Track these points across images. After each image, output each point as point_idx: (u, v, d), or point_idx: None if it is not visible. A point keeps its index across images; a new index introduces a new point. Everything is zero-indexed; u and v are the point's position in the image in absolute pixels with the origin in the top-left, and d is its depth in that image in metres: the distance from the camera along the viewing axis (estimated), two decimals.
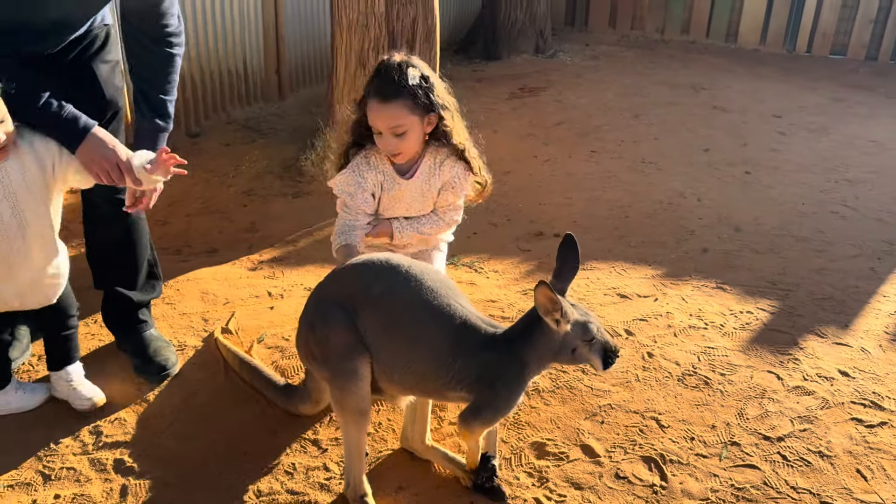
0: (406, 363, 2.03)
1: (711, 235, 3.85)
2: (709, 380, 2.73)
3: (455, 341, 2.01)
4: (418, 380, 2.06)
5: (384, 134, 2.34)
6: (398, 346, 2.02)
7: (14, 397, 2.52)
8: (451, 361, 2.01)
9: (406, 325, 2.02)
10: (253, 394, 2.62)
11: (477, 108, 5.82)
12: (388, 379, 2.07)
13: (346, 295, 2.05)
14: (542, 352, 2.01)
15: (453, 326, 2.02)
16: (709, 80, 6.67)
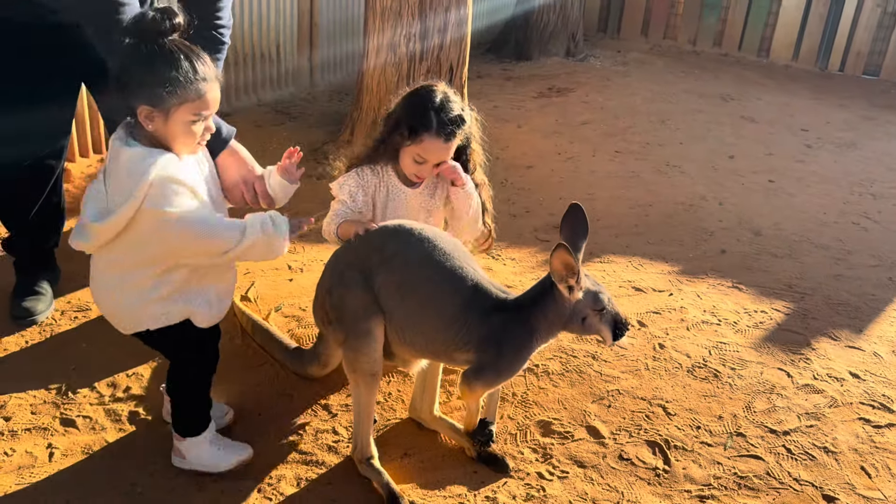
0: (417, 323, 2.08)
1: (730, 238, 3.85)
2: (718, 373, 2.74)
3: (465, 303, 2.05)
4: (428, 340, 2.10)
5: (427, 165, 2.37)
6: (410, 305, 2.06)
7: (206, 451, 2.19)
8: (461, 322, 2.04)
9: (419, 285, 2.06)
10: (267, 358, 2.68)
11: (504, 104, 5.86)
12: (399, 340, 2.11)
13: (362, 258, 2.11)
14: (552, 318, 2.04)
15: (465, 288, 2.06)
16: (738, 92, 6.65)
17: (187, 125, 1.88)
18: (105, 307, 2.08)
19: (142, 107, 1.83)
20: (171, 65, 1.81)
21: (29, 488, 2.11)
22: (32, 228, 2.81)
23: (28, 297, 2.78)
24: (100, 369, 2.57)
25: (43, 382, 2.49)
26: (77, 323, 2.80)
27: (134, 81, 1.83)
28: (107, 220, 1.86)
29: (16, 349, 2.65)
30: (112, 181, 1.89)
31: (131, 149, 1.86)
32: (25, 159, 2.63)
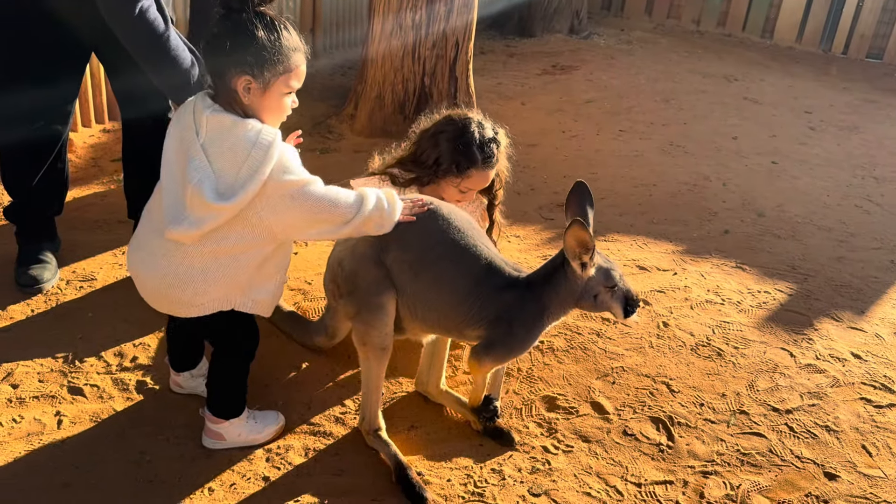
0: (429, 299, 2.08)
1: (734, 218, 3.86)
2: (722, 351, 2.76)
3: (478, 280, 2.06)
4: (440, 316, 2.10)
5: (472, 193, 2.49)
6: (423, 282, 2.07)
7: (245, 427, 2.20)
8: (473, 299, 2.05)
9: (432, 262, 2.07)
10: (274, 329, 2.68)
11: (508, 81, 5.84)
12: (411, 315, 2.12)
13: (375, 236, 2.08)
14: (564, 296, 2.05)
15: (478, 265, 2.07)
16: (742, 73, 6.63)
17: (281, 98, 1.86)
18: (179, 294, 1.94)
19: (242, 77, 1.78)
20: (276, 35, 1.77)
21: (38, 454, 2.12)
22: (35, 194, 2.80)
23: (33, 265, 2.77)
24: (106, 339, 2.57)
25: (50, 351, 2.50)
26: (83, 293, 2.80)
27: (235, 52, 1.77)
28: (234, 198, 1.77)
29: (21, 318, 2.65)
30: (224, 156, 1.80)
31: (246, 121, 1.80)
32: (33, 122, 2.61)
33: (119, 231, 3.18)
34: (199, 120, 1.83)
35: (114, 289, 2.83)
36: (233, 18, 1.78)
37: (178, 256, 1.89)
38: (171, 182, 1.89)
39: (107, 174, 3.70)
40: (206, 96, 1.87)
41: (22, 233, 2.88)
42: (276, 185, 1.80)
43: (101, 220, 3.29)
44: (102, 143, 3.94)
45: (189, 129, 1.84)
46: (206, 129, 1.81)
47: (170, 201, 1.87)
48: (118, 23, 2.25)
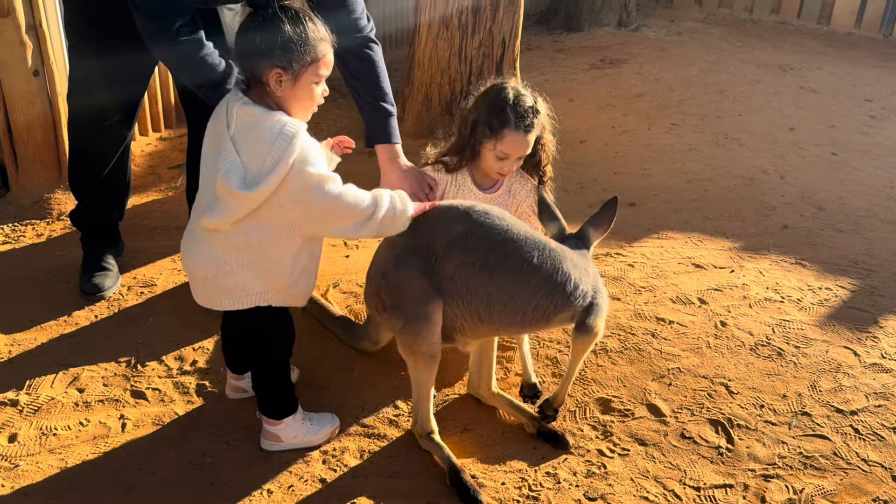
0: (510, 297, 2.07)
1: (793, 213, 3.75)
2: (782, 351, 2.69)
3: (556, 263, 2.09)
4: (526, 310, 2.09)
5: (510, 159, 2.43)
6: (501, 280, 2.06)
7: (301, 428, 2.24)
8: (562, 281, 2.08)
9: (506, 258, 2.06)
10: (327, 332, 2.71)
11: (555, 77, 5.78)
12: (477, 320, 2.10)
13: (423, 242, 2.09)
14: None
15: (550, 249, 2.11)
16: (797, 61, 6.43)
17: (311, 88, 1.92)
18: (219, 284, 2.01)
19: (274, 70, 1.85)
20: (302, 27, 1.84)
21: (104, 457, 2.19)
22: (99, 198, 2.89)
23: (96, 272, 2.86)
24: (167, 343, 2.64)
25: (113, 356, 2.57)
26: (143, 298, 2.87)
27: (264, 47, 1.84)
28: (257, 187, 1.83)
29: (86, 323, 2.73)
30: (250, 147, 1.86)
31: (272, 113, 1.87)
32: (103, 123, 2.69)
33: (177, 237, 3.22)
34: (230, 113, 1.91)
35: (173, 294, 2.90)
36: (259, 14, 1.86)
37: (215, 246, 1.98)
38: (206, 173, 2.00)
39: (164, 181, 3.79)
40: (238, 90, 1.94)
41: (86, 239, 2.97)
42: (296, 176, 1.85)
43: (160, 226, 3.37)
44: (159, 151, 4.04)
45: (222, 122, 1.93)
46: (235, 121, 1.90)
47: (204, 191, 1.99)
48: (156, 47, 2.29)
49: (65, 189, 3.49)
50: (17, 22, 3.22)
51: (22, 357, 2.55)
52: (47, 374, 2.47)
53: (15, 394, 2.39)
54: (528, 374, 2.49)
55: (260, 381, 2.21)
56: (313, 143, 1.91)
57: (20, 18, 3.23)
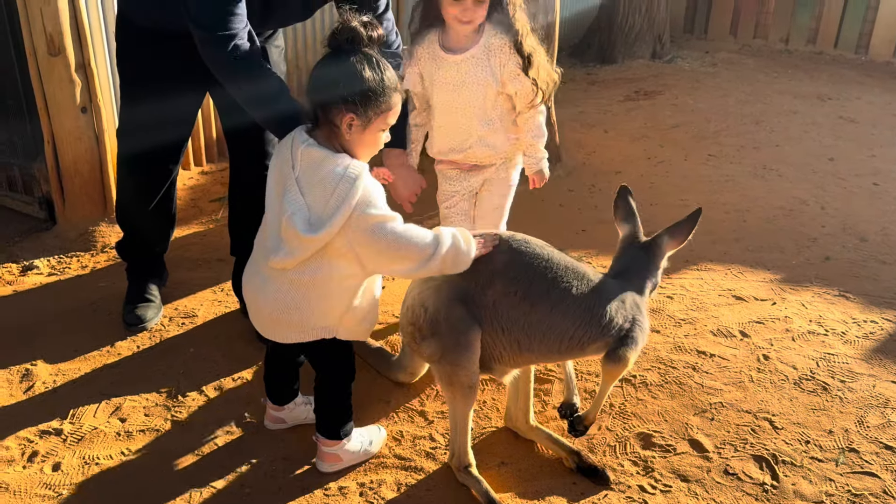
0: (550, 327, 2.08)
1: (835, 244, 3.69)
2: (827, 385, 2.62)
3: (597, 293, 2.10)
4: (563, 339, 2.10)
5: (467, 2, 2.35)
6: (542, 310, 2.07)
7: (356, 445, 2.28)
8: (601, 312, 2.08)
9: (548, 289, 2.08)
10: (362, 363, 2.72)
11: (590, 109, 5.80)
12: (516, 349, 2.11)
13: (464, 274, 2.09)
14: (653, 282, 2.24)
15: (589, 280, 2.12)
16: (835, 91, 6.38)
17: (378, 134, 1.96)
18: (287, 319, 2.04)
19: (346, 115, 1.88)
20: (381, 75, 1.87)
21: (145, 487, 2.20)
22: (145, 230, 2.95)
23: (139, 304, 2.91)
24: (207, 374, 2.67)
25: (154, 386, 2.61)
26: (184, 329, 2.91)
27: (341, 88, 1.86)
28: (322, 230, 1.86)
29: (128, 353, 2.78)
30: (314, 189, 1.89)
31: (336, 156, 1.90)
32: (150, 157, 2.75)
33: (218, 269, 3.31)
34: (295, 154, 1.93)
35: (213, 325, 2.94)
36: (341, 57, 1.88)
37: (282, 284, 2.01)
38: (271, 212, 2.03)
39: (206, 214, 3.87)
40: (303, 131, 1.97)
41: (131, 270, 3.02)
42: (359, 218, 1.87)
43: (202, 258, 3.43)
44: (201, 185, 4.12)
45: (287, 163, 1.95)
46: (300, 162, 1.92)
47: (271, 231, 2.02)
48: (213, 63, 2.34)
49: (109, 222, 3.58)
50: (67, 61, 3.34)
51: (66, 386, 2.59)
52: (90, 403, 2.51)
53: (59, 423, 2.43)
54: (569, 393, 2.47)
55: (324, 403, 2.25)
56: (375, 184, 1.93)
57: (70, 57, 3.34)
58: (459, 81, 2.50)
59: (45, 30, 3.26)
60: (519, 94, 2.51)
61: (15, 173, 3.75)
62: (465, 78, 2.49)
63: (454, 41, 2.49)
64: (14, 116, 3.58)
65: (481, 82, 2.48)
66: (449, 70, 2.50)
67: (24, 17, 3.24)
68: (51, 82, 3.36)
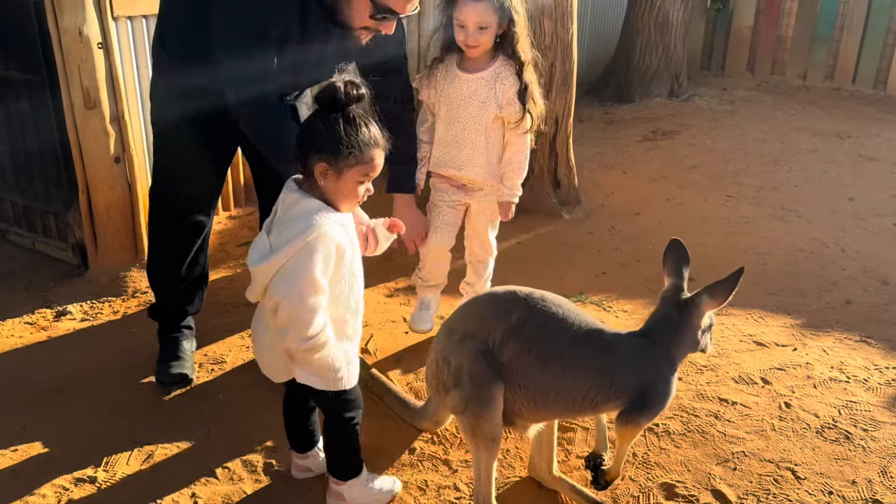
0: (563, 387, 2.12)
1: (856, 287, 3.70)
2: (850, 434, 2.63)
3: (611, 356, 2.12)
4: (575, 399, 2.13)
5: (469, 28, 2.66)
6: (554, 371, 2.11)
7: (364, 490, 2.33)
8: (613, 376, 2.11)
9: (561, 349, 2.11)
10: (388, 411, 2.77)
11: (607, 149, 5.87)
12: (533, 406, 2.15)
13: (484, 327, 2.15)
14: (687, 344, 2.19)
15: (603, 342, 2.14)
16: (854, 128, 6.41)
17: (355, 185, 2.03)
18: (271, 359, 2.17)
19: (320, 164, 1.98)
20: (354, 130, 1.97)
21: None
22: (180, 291, 2.98)
23: (173, 361, 2.92)
24: (236, 421, 2.72)
25: (185, 433, 2.67)
26: (213, 375, 2.98)
27: (317, 142, 1.98)
28: (265, 260, 1.97)
29: (159, 400, 2.84)
30: (282, 226, 2.00)
31: (309, 199, 2.00)
32: (186, 214, 2.83)
33: (246, 314, 3.34)
34: (280, 199, 2.06)
35: (242, 371, 3.00)
36: (323, 113, 2.00)
37: (260, 317, 2.14)
38: None
39: (233, 258, 3.96)
40: (293, 180, 2.09)
41: (163, 331, 3.04)
42: (292, 264, 1.95)
43: (230, 303, 3.51)
44: (229, 230, 4.22)
45: (275, 207, 2.08)
46: (281, 205, 2.04)
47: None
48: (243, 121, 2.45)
49: (140, 267, 3.67)
50: (102, 114, 3.47)
51: (100, 433, 2.66)
52: (123, 450, 2.58)
53: (93, 470, 2.49)
54: (598, 444, 2.48)
55: (330, 444, 2.31)
56: (332, 245, 1.97)
57: (105, 110, 3.47)
58: (466, 97, 2.79)
59: (83, 84, 3.39)
60: (511, 118, 2.79)
61: (50, 220, 3.87)
62: (471, 95, 2.78)
63: (469, 63, 2.80)
64: (50, 166, 3.71)
65: (484, 101, 2.77)
66: (460, 86, 2.79)
67: (63, 72, 3.38)
68: (86, 134, 3.48)
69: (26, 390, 2.88)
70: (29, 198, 3.89)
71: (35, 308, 3.47)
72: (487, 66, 2.76)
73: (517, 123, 2.79)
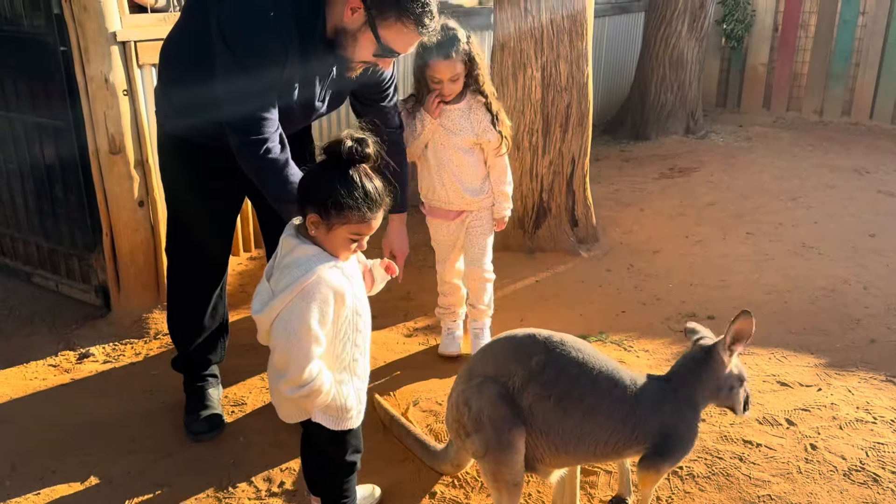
0: (585, 433, 2.11)
1: (880, 325, 3.66)
2: (878, 477, 2.58)
3: (631, 401, 2.12)
4: (598, 444, 2.13)
5: (444, 81, 3.03)
6: (575, 417, 2.10)
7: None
8: (634, 421, 2.11)
9: (582, 395, 2.11)
10: (409, 453, 2.75)
11: (624, 187, 5.88)
12: (555, 452, 2.13)
13: (504, 371, 2.15)
14: (711, 390, 2.19)
15: (625, 387, 2.13)
16: (872, 164, 6.39)
17: (346, 240, 2.03)
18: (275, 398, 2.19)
19: (311, 215, 2.00)
20: (348, 191, 1.96)
21: None
22: (202, 342, 2.96)
23: (202, 411, 2.92)
24: (256, 463, 2.72)
25: (206, 476, 2.67)
26: (234, 417, 2.99)
27: (311, 194, 2.00)
28: (264, 309, 1.98)
29: (181, 442, 2.85)
30: (281, 272, 2.00)
31: (305, 245, 2.00)
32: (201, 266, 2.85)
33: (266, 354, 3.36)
34: (280, 243, 2.07)
35: (262, 412, 3.01)
36: (324, 165, 2.01)
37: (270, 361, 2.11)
38: None
39: None
40: (292, 225, 2.10)
41: (188, 382, 3.03)
42: (290, 307, 1.94)
43: (249, 344, 3.50)
44: (249, 270, 4.26)
45: (276, 251, 2.09)
46: (281, 250, 2.05)
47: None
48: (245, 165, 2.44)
49: (161, 309, 3.71)
50: (126, 158, 3.54)
51: (121, 476, 2.66)
52: (145, 494, 2.58)
53: None
54: (621, 487, 2.47)
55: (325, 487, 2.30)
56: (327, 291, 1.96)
57: (129, 155, 3.55)
58: (452, 127, 3.13)
59: (108, 130, 3.48)
60: (490, 144, 3.15)
61: (74, 263, 3.93)
62: (454, 125, 3.13)
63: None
64: (74, 210, 3.78)
65: (465, 130, 3.13)
66: (447, 116, 3.13)
67: (89, 119, 3.47)
68: (111, 178, 3.56)
69: (50, 433, 2.90)
70: (54, 241, 3.96)
71: (58, 350, 3.51)
72: (460, 100, 3.12)
73: (496, 148, 3.16)
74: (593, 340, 3.52)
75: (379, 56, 2.41)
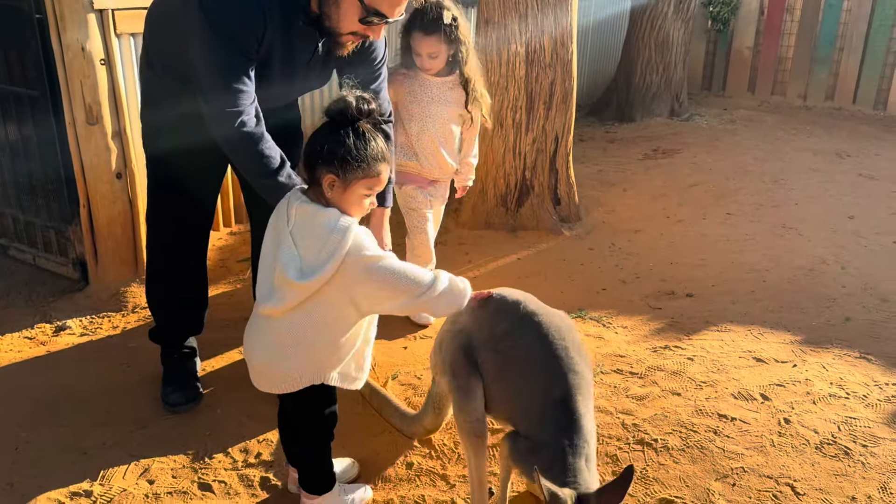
0: (504, 402, 2.22)
1: (855, 304, 3.70)
2: (849, 450, 2.62)
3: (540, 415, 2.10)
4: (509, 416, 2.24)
5: (423, 55, 3.15)
6: (502, 388, 2.20)
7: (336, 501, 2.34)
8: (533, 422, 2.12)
9: (516, 377, 2.18)
10: (386, 426, 2.76)
11: (608, 167, 5.89)
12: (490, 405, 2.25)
13: (476, 325, 2.25)
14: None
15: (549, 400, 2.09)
16: (854, 148, 6.43)
17: (361, 197, 2.06)
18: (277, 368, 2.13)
19: (328, 176, 2.00)
20: (361, 145, 1.99)
21: None
22: (179, 313, 2.95)
23: (179, 383, 2.91)
24: (233, 435, 2.72)
25: (182, 447, 2.66)
26: (211, 390, 2.98)
27: (326, 154, 2.00)
28: (313, 277, 1.97)
29: (157, 414, 2.83)
30: (307, 241, 2.01)
31: (326, 210, 2.02)
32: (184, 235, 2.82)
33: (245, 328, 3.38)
34: (290, 211, 2.06)
35: (239, 386, 2.97)
36: (332, 126, 2.03)
37: (273, 332, 2.10)
38: (265, 265, 2.13)
39: (233, 274, 3.97)
40: (299, 191, 2.11)
41: (165, 354, 3.01)
42: (354, 261, 1.98)
43: (229, 318, 3.51)
44: (229, 245, 4.24)
45: (282, 219, 2.08)
46: (294, 217, 2.05)
47: (263, 282, 2.12)
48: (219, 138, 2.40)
49: (140, 283, 3.69)
50: (104, 129, 3.50)
51: (96, 448, 2.65)
52: (120, 464, 2.57)
53: (90, 484, 2.48)
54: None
55: (304, 460, 2.31)
56: (364, 230, 2.05)
57: (107, 126, 3.50)
58: (436, 96, 3.24)
59: (85, 100, 3.43)
60: (470, 116, 3.33)
61: (51, 236, 3.89)
62: (439, 95, 3.24)
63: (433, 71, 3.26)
64: (51, 182, 3.73)
65: (449, 101, 3.26)
66: (430, 87, 3.24)
67: (66, 89, 3.41)
68: (88, 150, 3.51)
69: (25, 404, 2.88)
70: (31, 214, 3.91)
71: (34, 323, 3.48)
72: (448, 74, 3.24)
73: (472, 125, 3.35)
74: (573, 316, 3.53)
75: (366, 22, 2.32)
